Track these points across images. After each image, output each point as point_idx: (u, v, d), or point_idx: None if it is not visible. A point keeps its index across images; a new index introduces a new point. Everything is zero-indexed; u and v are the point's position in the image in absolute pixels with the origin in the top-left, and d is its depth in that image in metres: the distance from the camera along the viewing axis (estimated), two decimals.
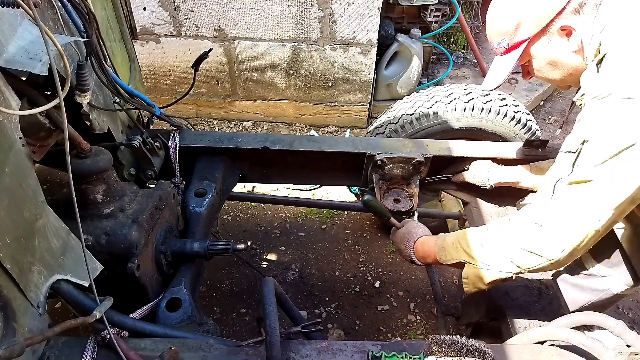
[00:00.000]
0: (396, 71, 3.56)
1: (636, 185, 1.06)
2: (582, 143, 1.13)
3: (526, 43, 1.30)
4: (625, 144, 1.04)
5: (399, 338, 2.27)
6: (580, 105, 1.39)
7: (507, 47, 1.33)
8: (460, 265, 1.38)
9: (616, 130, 1.06)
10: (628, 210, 1.14)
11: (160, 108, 1.76)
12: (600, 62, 1.16)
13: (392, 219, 1.66)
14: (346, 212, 2.92)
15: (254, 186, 3.03)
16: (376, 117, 2.58)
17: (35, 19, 0.85)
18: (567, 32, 1.24)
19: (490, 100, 2.08)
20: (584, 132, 1.14)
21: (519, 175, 1.78)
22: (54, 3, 1.17)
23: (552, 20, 1.24)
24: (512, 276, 1.28)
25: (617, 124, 1.06)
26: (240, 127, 3.67)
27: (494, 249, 1.28)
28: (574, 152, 1.15)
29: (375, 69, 3.44)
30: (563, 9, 1.22)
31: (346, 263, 2.63)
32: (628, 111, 1.04)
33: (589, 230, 1.12)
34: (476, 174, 1.84)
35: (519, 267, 1.24)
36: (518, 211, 1.32)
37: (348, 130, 3.64)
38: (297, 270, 2.57)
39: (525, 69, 1.42)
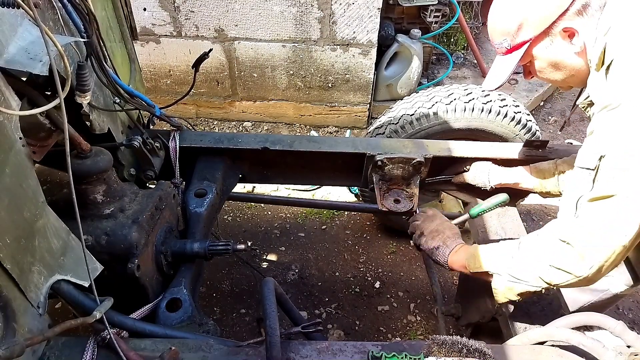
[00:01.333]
0: (396, 72, 3.56)
1: None
2: (600, 159, 1.11)
3: (528, 44, 1.29)
4: None
5: (399, 338, 2.27)
6: (584, 108, 1.38)
7: (509, 48, 1.33)
8: (487, 275, 1.36)
9: (632, 142, 1.05)
10: None
11: (161, 108, 1.76)
12: (607, 68, 1.15)
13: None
14: (346, 213, 2.92)
15: (254, 186, 3.03)
16: (376, 118, 2.58)
17: (36, 20, 0.85)
18: (570, 33, 1.23)
19: (491, 101, 2.08)
20: (600, 146, 1.12)
21: (519, 177, 1.78)
22: (54, 3, 1.17)
23: (555, 22, 1.23)
24: (542, 290, 1.27)
25: (632, 135, 1.05)
26: (240, 127, 3.67)
27: (523, 264, 1.26)
28: (593, 169, 1.13)
29: (375, 70, 3.44)
30: (566, 11, 1.21)
31: (346, 263, 2.63)
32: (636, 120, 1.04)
33: (616, 246, 1.10)
34: (477, 175, 1.84)
35: (547, 283, 1.23)
36: (545, 226, 1.30)
37: (348, 131, 3.64)
38: (297, 270, 2.57)
39: (526, 69, 1.41)
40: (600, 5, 1.20)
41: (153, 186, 1.61)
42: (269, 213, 2.92)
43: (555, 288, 1.26)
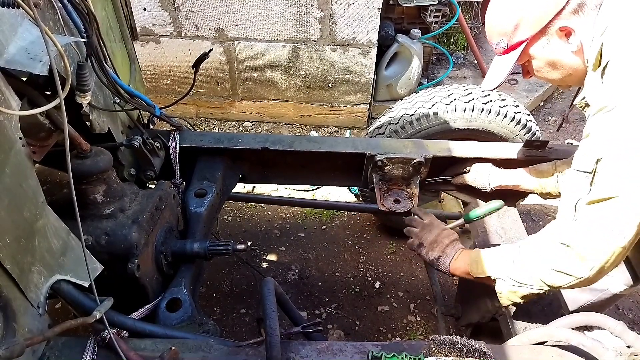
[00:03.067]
0: (396, 72, 3.56)
1: None
2: (597, 162, 1.12)
3: (525, 43, 1.29)
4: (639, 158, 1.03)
5: (399, 339, 2.27)
6: (581, 108, 1.39)
7: (506, 48, 1.33)
8: (490, 280, 1.37)
9: (629, 144, 1.05)
10: None
11: (161, 108, 1.76)
12: (603, 70, 1.15)
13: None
14: (346, 213, 2.92)
15: (254, 186, 3.03)
16: (376, 118, 2.58)
17: (36, 20, 0.85)
18: (567, 32, 1.24)
19: (491, 101, 2.08)
20: (596, 149, 1.13)
21: (519, 179, 1.78)
22: (54, 3, 1.17)
23: (551, 21, 1.23)
24: (545, 292, 1.28)
25: (628, 137, 1.05)
26: (240, 127, 3.67)
27: (524, 268, 1.28)
28: (590, 172, 1.14)
29: (375, 70, 3.44)
30: (562, 10, 1.21)
31: (346, 264, 2.63)
32: (636, 124, 1.04)
33: (615, 247, 1.11)
34: (477, 177, 1.84)
35: (550, 285, 1.24)
36: (543, 229, 1.31)
37: (348, 131, 3.64)
38: (297, 270, 2.57)
39: (525, 68, 1.42)
40: (597, 4, 1.20)
41: (153, 186, 1.61)
42: (269, 213, 2.92)
43: (557, 290, 1.27)
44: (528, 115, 2.16)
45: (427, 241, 1.55)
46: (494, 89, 1.46)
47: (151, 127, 1.92)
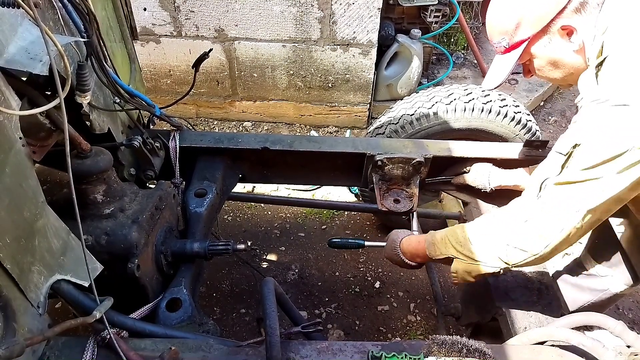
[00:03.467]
0: (396, 72, 3.56)
1: (622, 187, 1.07)
2: (574, 147, 1.13)
3: (527, 42, 1.29)
4: (618, 151, 1.04)
5: (399, 338, 2.27)
6: (580, 107, 1.39)
7: (507, 47, 1.33)
8: (449, 261, 1.41)
9: (610, 137, 1.06)
10: (614, 209, 1.16)
11: (161, 108, 1.76)
12: (600, 65, 1.15)
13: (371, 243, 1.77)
14: (346, 213, 2.92)
15: (254, 186, 3.03)
16: (376, 118, 2.58)
17: (36, 19, 0.85)
18: (568, 31, 1.23)
19: (491, 101, 2.08)
20: (577, 135, 1.14)
21: (519, 179, 1.78)
22: (54, 3, 1.17)
23: (552, 20, 1.23)
24: (500, 271, 1.32)
25: (612, 130, 1.06)
26: (240, 127, 3.67)
27: (481, 244, 1.32)
28: (565, 155, 1.16)
29: (376, 70, 3.44)
30: (564, 8, 1.21)
31: (346, 263, 2.63)
32: (623, 118, 1.04)
33: (571, 227, 1.16)
34: (477, 177, 1.84)
35: (506, 262, 1.28)
36: (504, 207, 1.34)
37: (348, 131, 3.64)
38: (297, 270, 2.57)
39: (526, 67, 1.41)
40: (598, 3, 1.20)
41: (153, 186, 1.61)
42: (269, 213, 2.92)
43: (512, 267, 1.30)
44: (528, 115, 2.16)
45: (385, 255, 1.65)
46: (495, 88, 1.45)
47: (151, 127, 1.92)
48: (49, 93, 1.19)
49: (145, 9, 3.10)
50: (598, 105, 1.10)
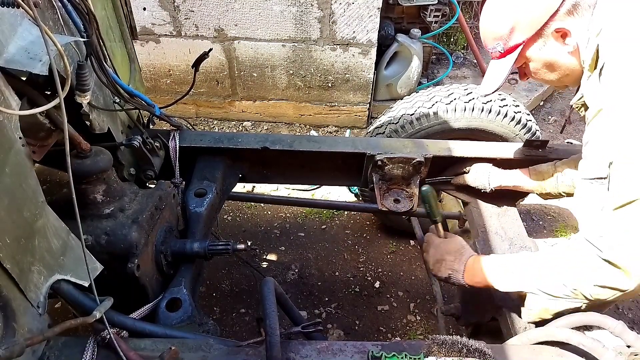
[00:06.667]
0: (396, 71, 3.56)
1: None
2: (609, 166, 1.10)
3: (521, 46, 1.29)
4: None
5: (398, 338, 2.27)
6: (577, 108, 1.39)
7: (503, 52, 1.32)
8: (518, 294, 1.31)
9: (635, 145, 1.04)
10: None
11: (160, 108, 1.75)
12: (600, 71, 1.15)
13: (439, 225, 1.55)
14: (346, 212, 2.92)
15: (254, 186, 3.03)
16: (376, 117, 2.58)
17: (35, 19, 0.85)
18: (562, 34, 1.24)
19: (491, 101, 2.08)
20: (605, 154, 1.11)
21: (519, 179, 1.78)
22: (54, 3, 1.17)
23: (546, 23, 1.23)
24: (582, 306, 1.24)
25: (633, 136, 1.04)
26: (240, 127, 3.67)
27: (559, 281, 1.21)
28: (605, 178, 1.12)
29: (375, 69, 3.44)
30: (556, 11, 1.21)
31: (346, 263, 2.63)
32: (636, 120, 1.04)
33: None
34: (477, 178, 1.84)
35: (593, 300, 1.18)
36: (569, 243, 1.25)
37: (348, 131, 3.64)
38: (297, 270, 2.57)
39: (521, 71, 1.41)
40: (590, 4, 1.20)
41: (153, 186, 1.61)
42: (269, 213, 2.92)
43: (599, 303, 1.21)
44: (528, 114, 2.16)
45: (431, 263, 1.50)
46: (492, 93, 1.45)
47: (151, 126, 1.92)
48: (48, 93, 1.19)
49: (144, 9, 3.11)
50: (607, 117, 1.09)
